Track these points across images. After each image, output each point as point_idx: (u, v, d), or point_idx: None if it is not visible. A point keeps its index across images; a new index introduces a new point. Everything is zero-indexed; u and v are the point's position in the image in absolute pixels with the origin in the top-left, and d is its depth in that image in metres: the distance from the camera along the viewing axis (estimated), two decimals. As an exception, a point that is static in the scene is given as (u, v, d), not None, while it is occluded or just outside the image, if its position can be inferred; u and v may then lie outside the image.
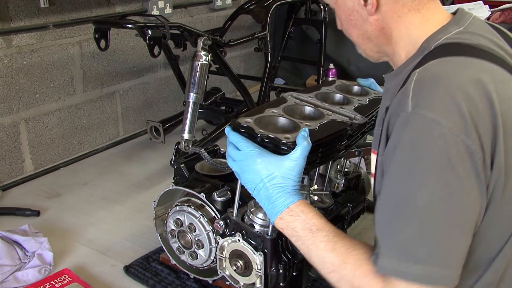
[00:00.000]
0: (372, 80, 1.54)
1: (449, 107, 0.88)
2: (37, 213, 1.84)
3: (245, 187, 1.12)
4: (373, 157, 1.13)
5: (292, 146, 1.08)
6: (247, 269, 1.26)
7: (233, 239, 1.27)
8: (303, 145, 1.08)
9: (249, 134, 1.14)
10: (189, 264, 1.44)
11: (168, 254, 1.50)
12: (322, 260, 1.01)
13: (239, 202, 1.29)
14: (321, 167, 1.43)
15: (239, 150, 1.12)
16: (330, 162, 1.40)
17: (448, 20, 1.06)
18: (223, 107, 2.62)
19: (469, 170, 0.87)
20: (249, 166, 1.09)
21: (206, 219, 1.34)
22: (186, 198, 1.42)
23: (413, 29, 1.05)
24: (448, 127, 0.86)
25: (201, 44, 1.77)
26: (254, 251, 1.23)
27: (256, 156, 1.09)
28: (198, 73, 1.72)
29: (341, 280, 0.98)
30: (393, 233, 0.91)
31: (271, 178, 1.07)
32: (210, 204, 1.36)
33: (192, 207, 1.36)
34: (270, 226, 1.22)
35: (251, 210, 1.28)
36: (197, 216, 1.35)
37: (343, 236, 1.03)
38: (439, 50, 0.99)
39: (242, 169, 1.10)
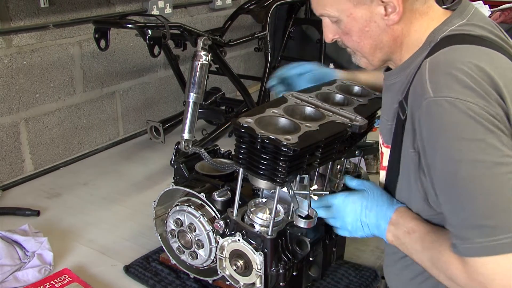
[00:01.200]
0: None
1: (466, 86, 0.93)
2: (37, 213, 1.84)
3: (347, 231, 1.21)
4: (386, 151, 1.17)
5: (292, 147, 1.08)
6: (247, 269, 1.27)
7: (233, 239, 1.27)
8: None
9: (250, 135, 1.14)
10: (189, 264, 1.44)
11: (168, 254, 1.50)
12: (421, 260, 1.06)
13: (239, 202, 1.29)
14: (321, 167, 1.43)
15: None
16: (330, 162, 1.40)
17: (446, 13, 1.09)
18: (223, 107, 2.62)
19: (500, 134, 0.92)
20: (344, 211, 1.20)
21: (206, 219, 1.34)
22: (186, 198, 1.42)
23: (423, 32, 1.09)
24: (474, 102, 0.91)
25: (201, 44, 1.77)
26: (254, 251, 1.23)
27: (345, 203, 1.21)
28: (198, 73, 1.72)
29: (439, 275, 1.02)
30: (464, 215, 0.92)
31: (365, 209, 1.17)
32: (210, 204, 1.36)
33: (192, 207, 1.36)
34: (270, 225, 1.22)
35: (251, 210, 1.28)
36: (197, 216, 1.35)
37: (431, 229, 1.06)
38: (446, 40, 1.03)
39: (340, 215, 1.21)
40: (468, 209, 0.92)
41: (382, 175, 1.23)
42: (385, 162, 1.18)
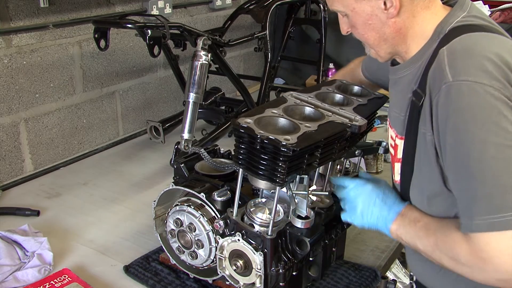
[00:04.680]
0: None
1: (484, 70, 0.99)
2: (37, 213, 1.84)
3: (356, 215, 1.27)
4: (400, 143, 1.23)
5: (291, 148, 1.09)
6: (247, 269, 1.27)
7: (233, 239, 1.27)
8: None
9: (250, 135, 1.14)
10: (189, 264, 1.44)
11: (168, 254, 1.50)
12: (424, 246, 1.12)
13: (239, 202, 1.29)
14: (321, 167, 1.44)
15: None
16: (330, 162, 1.41)
17: (446, 8, 1.18)
18: (223, 107, 2.62)
19: None
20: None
21: (206, 219, 1.34)
22: (186, 198, 1.42)
23: (426, 25, 1.16)
24: (490, 84, 0.98)
25: (201, 44, 1.77)
26: (254, 250, 1.23)
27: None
28: (198, 73, 1.72)
29: (441, 258, 1.08)
30: (473, 192, 0.98)
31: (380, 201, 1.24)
32: (210, 204, 1.36)
33: (192, 207, 1.36)
34: (270, 225, 1.23)
35: (251, 210, 1.28)
36: (197, 216, 1.35)
37: (435, 219, 1.14)
38: (456, 31, 1.10)
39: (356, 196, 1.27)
40: (476, 188, 0.98)
41: (397, 167, 1.27)
42: (399, 154, 1.23)
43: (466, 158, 0.99)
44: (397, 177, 1.28)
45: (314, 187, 1.35)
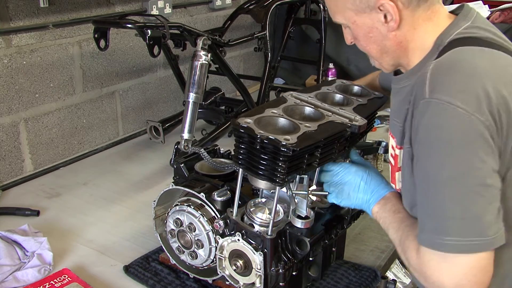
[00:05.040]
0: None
1: (464, 88, 0.97)
2: (36, 213, 1.84)
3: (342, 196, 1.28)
4: (400, 153, 1.23)
5: (291, 147, 1.09)
6: (246, 268, 1.27)
7: (232, 239, 1.27)
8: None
9: (249, 135, 1.14)
10: (189, 264, 1.44)
11: (168, 254, 1.50)
12: (392, 237, 1.17)
13: (238, 202, 1.29)
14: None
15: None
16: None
17: (451, 17, 1.14)
18: (223, 107, 2.62)
19: (483, 143, 0.96)
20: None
21: (206, 219, 1.34)
22: (185, 198, 1.42)
23: (427, 38, 1.13)
24: (462, 107, 0.95)
25: (201, 44, 1.77)
26: (254, 250, 1.23)
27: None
28: (197, 72, 1.72)
29: (402, 255, 1.13)
30: (425, 208, 1.02)
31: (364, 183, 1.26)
32: (209, 204, 1.36)
33: (192, 207, 1.36)
34: (270, 225, 1.23)
35: (251, 210, 1.28)
36: (197, 215, 1.35)
37: (411, 219, 1.15)
38: (454, 43, 1.07)
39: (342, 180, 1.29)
40: (428, 205, 1.01)
41: (398, 176, 1.27)
42: (400, 163, 1.23)
43: (425, 175, 1.02)
44: (398, 185, 1.28)
45: (314, 187, 1.35)
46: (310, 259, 1.36)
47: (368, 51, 1.20)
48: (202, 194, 1.36)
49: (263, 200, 1.33)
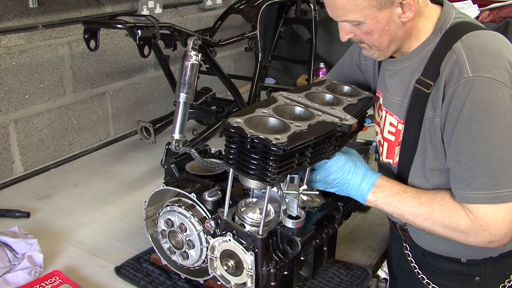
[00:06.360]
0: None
1: (497, 66, 1.17)
2: (27, 215, 1.83)
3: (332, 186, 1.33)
4: (401, 126, 1.35)
5: (281, 147, 1.09)
6: (238, 268, 1.27)
7: (224, 239, 1.27)
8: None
9: (240, 135, 1.14)
10: (180, 264, 1.44)
11: (159, 255, 1.49)
12: (414, 214, 1.26)
13: (229, 202, 1.29)
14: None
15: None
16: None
17: (437, 6, 1.31)
18: (214, 107, 2.62)
19: None
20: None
21: (197, 219, 1.34)
22: (176, 198, 1.42)
23: (427, 22, 1.29)
24: (503, 82, 1.15)
25: (191, 44, 1.76)
26: (245, 250, 1.23)
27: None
28: (188, 73, 1.72)
29: (434, 225, 1.24)
30: (475, 170, 1.17)
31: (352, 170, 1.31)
32: (200, 204, 1.36)
33: (183, 207, 1.36)
34: (261, 225, 1.23)
35: (242, 209, 1.28)
36: (188, 216, 1.35)
37: (424, 191, 1.29)
38: (458, 26, 1.25)
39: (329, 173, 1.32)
40: (478, 168, 1.16)
41: (397, 150, 1.38)
42: (401, 137, 1.35)
43: (474, 143, 1.16)
44: (396, 159, 1.38)
45: (304, 186, 1.35)
46: (302, 258, 1.36)
47: (380, 43, 1.27)
48: (193, 194, 1.36)
49: (254, 200, 1.33)
